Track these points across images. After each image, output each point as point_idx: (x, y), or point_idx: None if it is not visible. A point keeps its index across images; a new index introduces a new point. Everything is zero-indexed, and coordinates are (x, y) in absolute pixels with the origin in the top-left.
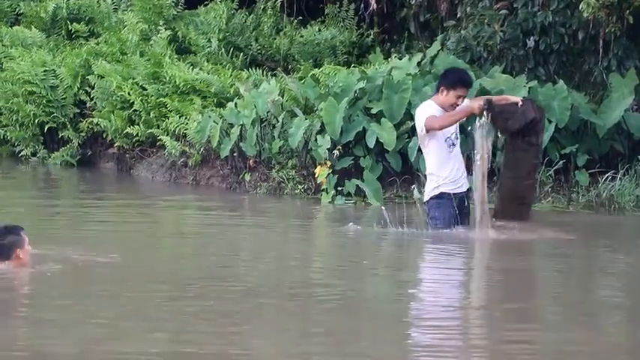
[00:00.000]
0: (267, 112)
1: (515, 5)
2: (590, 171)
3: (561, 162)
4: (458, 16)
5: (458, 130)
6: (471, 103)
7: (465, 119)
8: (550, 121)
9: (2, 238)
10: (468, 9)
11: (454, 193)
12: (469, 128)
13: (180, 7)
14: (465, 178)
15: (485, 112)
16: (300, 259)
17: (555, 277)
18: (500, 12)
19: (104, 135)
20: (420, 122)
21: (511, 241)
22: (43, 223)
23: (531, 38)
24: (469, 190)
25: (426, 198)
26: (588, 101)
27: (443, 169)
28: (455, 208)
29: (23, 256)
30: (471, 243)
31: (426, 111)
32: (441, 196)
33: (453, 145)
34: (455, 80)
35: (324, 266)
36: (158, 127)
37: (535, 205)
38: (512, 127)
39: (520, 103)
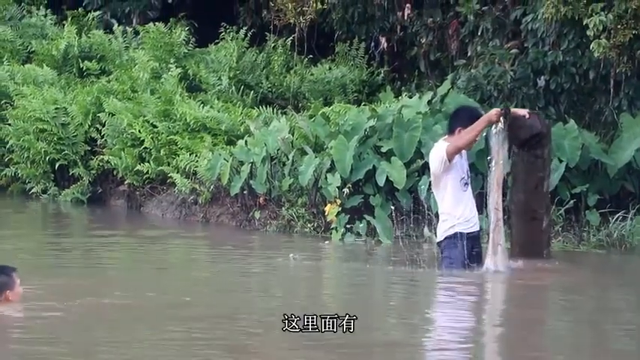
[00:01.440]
0: (278, 150)
1: (525, 44)
2: (600, 211)
3: (572, 201)
4: (468, 55)
5: (468, 170)
6: (487, 114)
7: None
8: (561, 161)
9: None
10: (479, 48)
11: (467, 233)
12: (484, 134)
13: (190, 45)
14: (477, 218)
15: (502, 119)
16: (310, 298)
17: (569, 326)
18: (511, 51)
19: (115, 172)
20: (435, 160)
21: (520, 283)
22: (51, 260)
23: (542, 77)
24: (480, 229)
25: (440, 238)
26: (599, 141)
27: (457, 209)
28: (468, 248)
29: (13, 297)
30: (484, 283)
31: (442, 149)
32: (454, 236)
33: (467, 184)
34: (469, 118)
35: (337, 307)
36: (168, 165)
37: None
38: (521, 136)
39: (527, 116)
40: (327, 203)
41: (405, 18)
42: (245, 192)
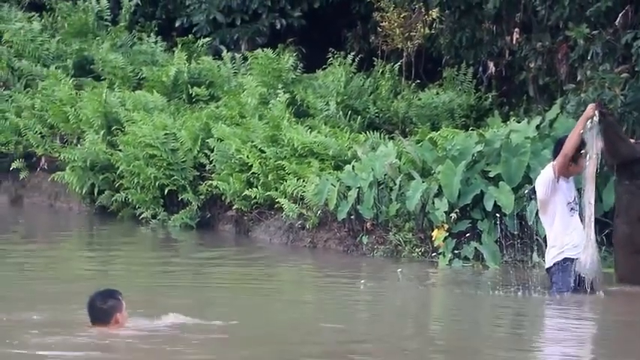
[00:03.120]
0: (385, 175)
1: (636, 69)
2: None
3: None
4: (578, 79)
5: (577, 196)
6: (584, 112)
7: None
8: None
9: (103, 302)
10: (589, 72)
11: (576, 259)
12: (581, 132)
13: (298, 70)
14: (583, 243)
15: (597, 112)
16: (421, 327)
17: None
18: (622, 75)
19: (223, 198)
20: (542, 185)
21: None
22: (163, 286)
23: None
24: None
25: (549, 264)
26: None
27: (565, 235)
28: (576, 273)
29: (121, 320)
30: (591, 311)
31: (548, 174)
32: (563, 262)
33: (573, 210)
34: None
35: (447, 336)
36: (276, 190)
37: None
38: (621, 151)
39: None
40: (435, 228)
41: (514, 42)
42: (352, 217)
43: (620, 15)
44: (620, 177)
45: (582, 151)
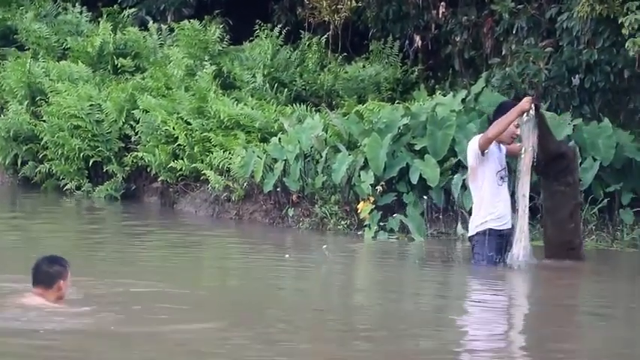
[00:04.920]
0: (311, 148)
1: (560, 43)
2: (634, 209)
3: (605, 200)
4: (503, 53)
5: (506, 167)
6: (519, 103)
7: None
8: (595, 159)
9: (49, 266)
10: (513, 46)
11: (498, 230)
12: (515, 123)
13: (225, 42)
14: (510, 216)
15: (533, 106)
16: (342, 298)
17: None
18: (546, 50)
19: (148, 169)
20: (470, 153)
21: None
22: (88, 257)
23: (576, 76)
24: (512, 227)
25: (472, 233)
26: (633, 140)
27: (491, 205)
28: (498, 245)
29: (64, 288)
30: (510, 282)
31: (475, 146)
32: (486, 233)
33: (502, 179)
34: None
35: (368, 305)
36: (202, 162)
37: None
38: (548, 146)
39: None
40: (360, 201)
41: (440, 16)
42: (278, 189)
43: None
44: (547, 179)
45: (519, 144)
